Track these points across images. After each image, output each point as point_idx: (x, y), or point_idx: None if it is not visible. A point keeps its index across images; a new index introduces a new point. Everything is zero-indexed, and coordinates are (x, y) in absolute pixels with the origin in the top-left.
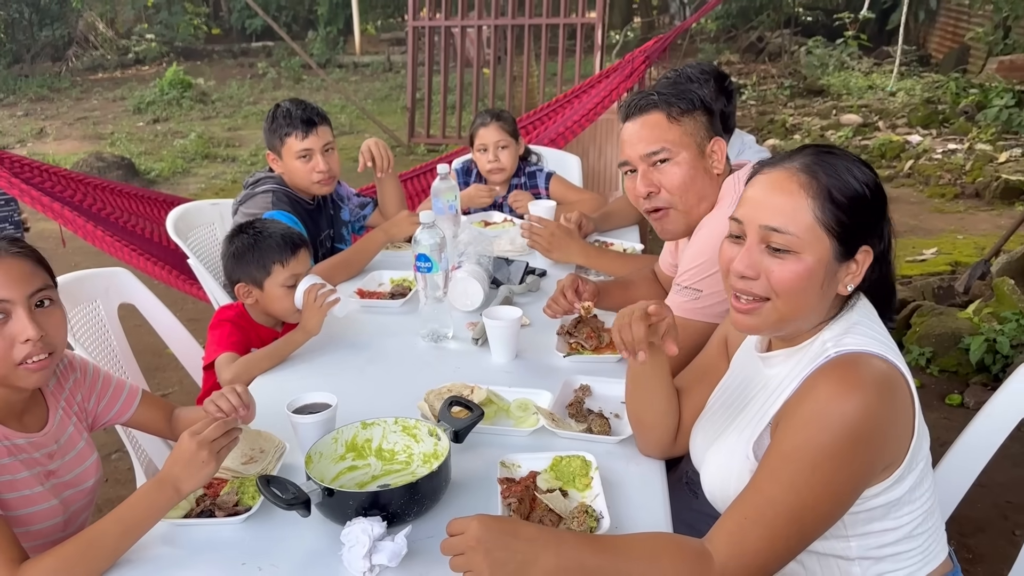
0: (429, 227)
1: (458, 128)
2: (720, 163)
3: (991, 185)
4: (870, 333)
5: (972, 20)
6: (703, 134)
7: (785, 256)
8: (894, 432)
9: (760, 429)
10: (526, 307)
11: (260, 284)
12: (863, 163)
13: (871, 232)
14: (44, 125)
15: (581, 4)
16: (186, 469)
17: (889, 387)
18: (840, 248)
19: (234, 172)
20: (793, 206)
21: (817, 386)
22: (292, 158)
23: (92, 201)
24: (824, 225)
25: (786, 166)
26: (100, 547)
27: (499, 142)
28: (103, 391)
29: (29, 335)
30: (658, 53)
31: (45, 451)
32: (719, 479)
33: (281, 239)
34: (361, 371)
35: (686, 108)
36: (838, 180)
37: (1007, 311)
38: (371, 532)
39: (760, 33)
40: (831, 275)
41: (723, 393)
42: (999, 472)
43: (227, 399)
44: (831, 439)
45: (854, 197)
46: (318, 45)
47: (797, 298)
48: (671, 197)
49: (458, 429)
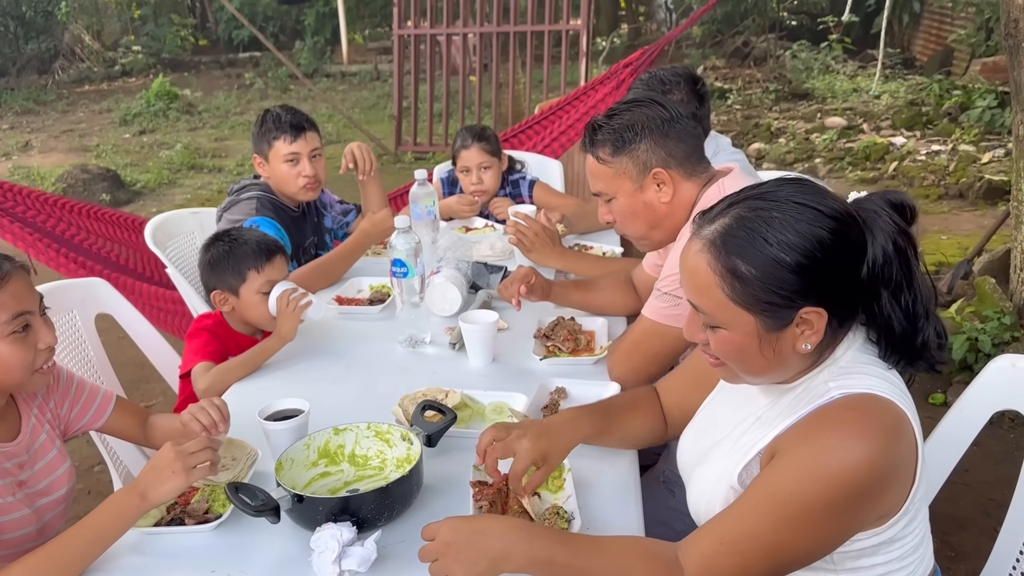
0: (404, 232)
1: (444, 136)
2: (668, 194)
3: (974, 185)
4: (875, 372)
5: (955, 22)
6: (640, 169)
7: (716, 329)
8: (895, 483)
9: (748, 458)
10: (504, 311)
11: (236, 291)
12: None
13: (813, 295)
14: (30, 138)
15: (566, 11)
16: (156, 477)
17: (895, 434)
18: (766, 321)
19: (220, 182)
20: (702, 284)
21: (819, 430)
22: (279, 162)
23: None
24: (737, 302)
25: (700, 235)
26: (68, 555)
27: (481, 163)
28: (76, 397)
29: (49, 342)
30: (645, 65)
31: (16, 461)
32: (704, 501)
33: (256, 245)
34: (338, 378)
35: (618, 147)
36: (750, 253)
37: (988, 310)
38: (340, 538)
39: (746, 38)
40: (770, 344)
41: (715, 407)
42: (982, 470)
43: (207, 413)
44: (826, 490)
45: (770, 269)
46: (305, 55)
47: (744, 364)
48: (622, 229)
49: (431, 433)
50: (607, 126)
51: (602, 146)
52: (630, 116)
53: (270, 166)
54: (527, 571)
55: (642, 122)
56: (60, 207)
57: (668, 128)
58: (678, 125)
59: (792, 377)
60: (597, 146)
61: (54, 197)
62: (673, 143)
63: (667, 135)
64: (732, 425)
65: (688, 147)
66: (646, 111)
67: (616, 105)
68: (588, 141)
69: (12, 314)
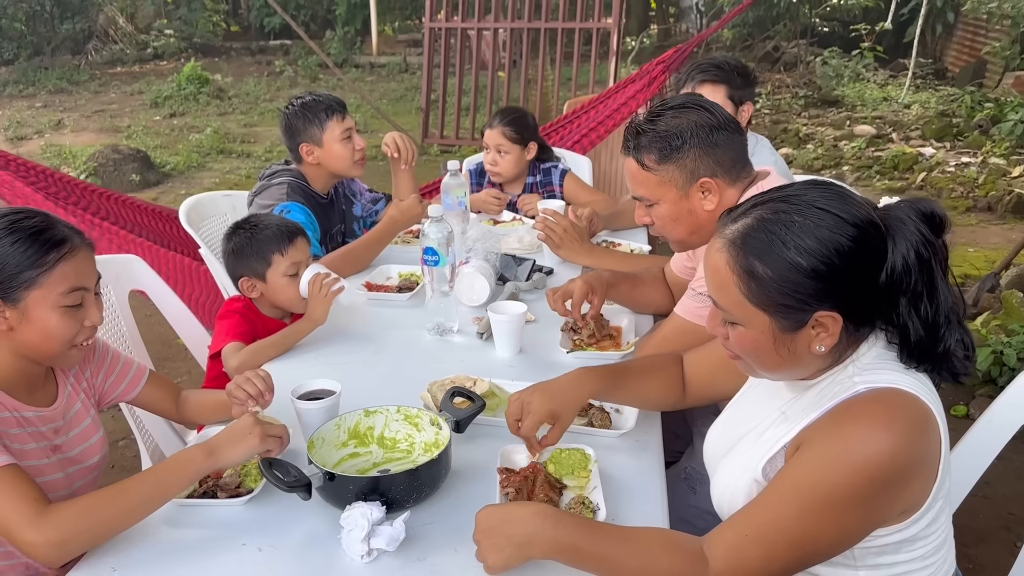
0: (437, 221)
1: (472, 130)
2: (713, 202)
3: (1004, 199)
4: (900, 368)
5: (989, 35)
6: (687, 178)
7: (734, 325)
8: (918, 477)
9: (774, 451)
10: (532, 304)
11: (263, 276)
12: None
13: (828, 299)
14: (62, 117)
15: (597, 9)
16: (230, 437)
17: (919, 428)
18: (781, 322)
19: (248, 168)
20: (721, 282)
21: (844, 421)
22: (335, 141)
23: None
24: (753, 302)
25: (722, 234)
26: (128, 498)
27: (499, 146)
28: (111, 367)
29: (95, 321)
30: (677, 63)
31: (52, 426)
32: (728, 494)
33: (277, 229)
34: (366, 362)
35: (664, 155)
36: (768, 255)
37: (1015, 323)
38: (370, 516)
39: (776, 43)
40: (784, 344)
41: (743, 402)
42: (1003, 484)
43: (253, 383)
44: (850, 480)
45: (786, 272)
46: (335, 45)
47: (760, 360)
48: (662, 231)
49: (459, 419)
50: (652, 131)
51: (647, 152)
52: (676, 122)
53: (324, 149)
54: (552, 557)
55: (690, 129)
56: (91, 192)
57: (715, 136)
58: (724, 132)
59: (814, 374)
60: (641, 152)
61: (84, 183)
62: (720, 151)
63: (715, 143)
64: (757, 419)
65: (734, 154)
66: (693, 117)
67: (658, 107)
68: (632, 146)
69: (70, 287)
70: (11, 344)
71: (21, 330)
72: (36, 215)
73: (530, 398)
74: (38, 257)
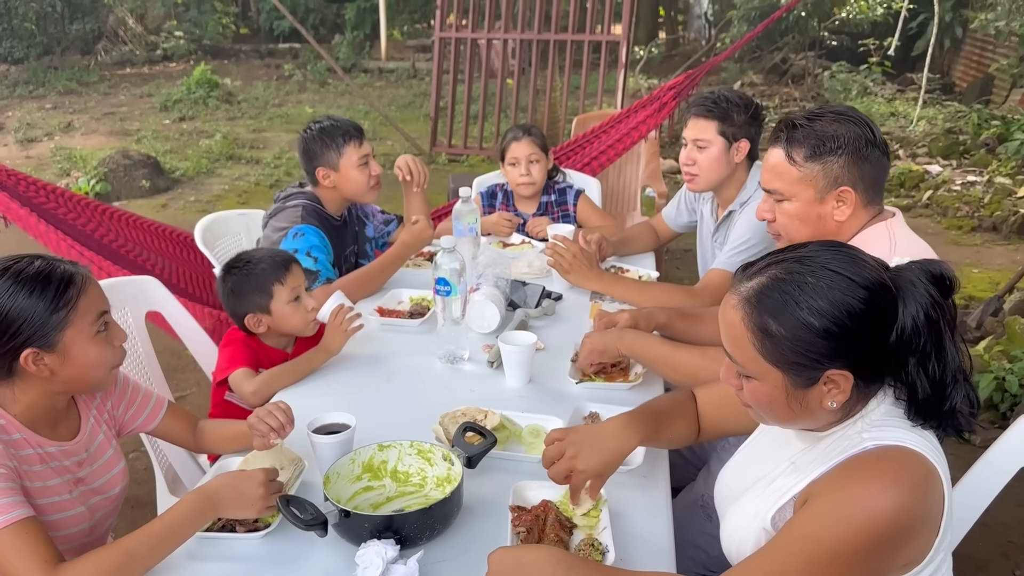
0: (449, 251)
1: (479, 139)
2: (845, 213)
3: (1009, 219)
4: (907, 426)
5: (997, 51)
6: (829, 182)
7: (748, 379)
8: (921, 533)
9: (783, 501)
10: (541, 330)
11: (267, 309)
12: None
13: (840, 358)
14: (72, 119)
15: (607, 20)
16: (236, 501)
17: (924, 486)
18: (794, 378)
19: (257, 174)
20: (736, 337)
21: (851, 478)
22: (352, 166)
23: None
24: (766, 358)
25: (737, 291)
26: (137, 557)
27: (530, 155)
28: (132, 399)
29: (122, 339)
30: (688, 89)
31: (75, 459)
32: (737, 538)
33: (272, 261)
34: (378, 390)
35: (815, 153)
36: (781, 315)
37: (1018, 349)
38: (384, 555)
39: (784, 55)
40: (797, 399)
41: (755, 448)
42: (1002, 512)
43: (275, 416)
44: (855, 536)
45: (799, 331)
46: (344, 49)
47: (772, 413)
48: (782, 230)
49: (471, 455)
50: (808, 127)
51: (798, 146)
52: (835, 127)
53: (341, 173)
54: None
55: (846, 137)
56: (101, 213)
57: (868, 151)
58: (877, 150)
59: (825, 426)
60: (793, 144)
61: (95, 203)
62: (868, 167)
63: (866, 158)
64: (768, 467)
65: (878, 176)
66: (852, 127)
67: (820, 109)
68: (784, 137)
69: (96, 314)
70: (48, 386)
71: (63, 371)
72: (34, 259)
73: (576, 452)
74: (60, 297)
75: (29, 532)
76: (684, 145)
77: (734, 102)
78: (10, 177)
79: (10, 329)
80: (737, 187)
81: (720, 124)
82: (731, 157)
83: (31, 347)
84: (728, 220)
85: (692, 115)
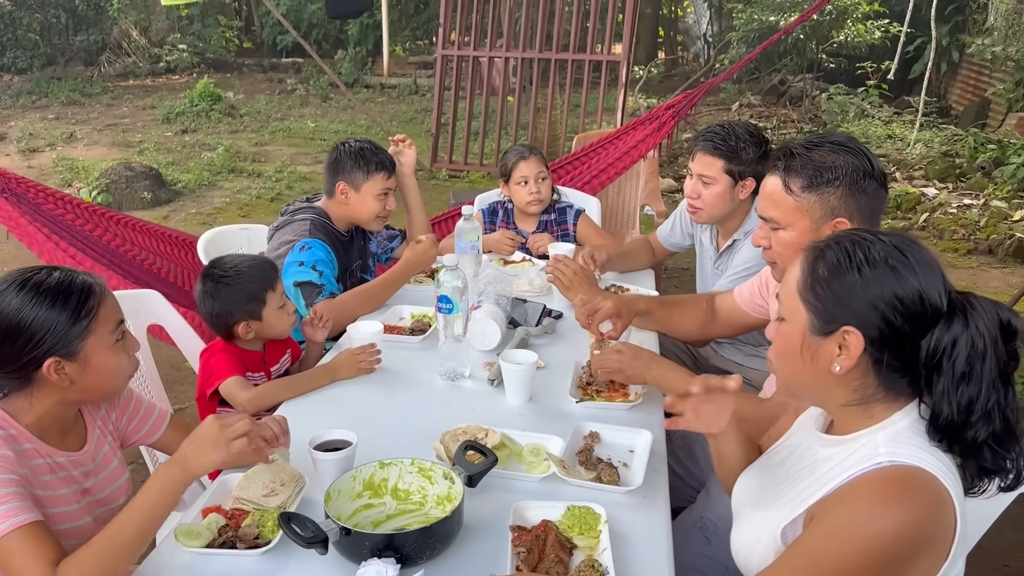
0: (452, 270)
1: (480, 155)
2: None
3: (1004, 243)
4: (927, 445)
5: (994, 75)
6: (825, 213)
7: (781, 322)
8: (927, 556)
9: (795, 514)
10: (542, 348)
11: (259, 315)
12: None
13: (855, 314)
14: (74, 130)
15: (607, 40)
16: (196, 448)
17: (934, 508)
18: (814, 321)
19: (259, 187)
20: (791, 275)
21: (860, 495)
22: (372, 193)
23: (111, 237)
24: (801, 295)
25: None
26: (127, 534)
27: (539, 174)
28: (135, 411)
29: (136, 347)
30: (686, 109)
31: (82, 469)
32: (746, 545)
33: (260, 268)
34: (380, 406)
35: (812, 183)
36: (829, 253)
37: None
38: (385, 574)
39: (782, 76)
40: (810, 348)
41: (778, 454)
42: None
43: (269, 427)
44: (860, 554)
45: (835, 271)
46: (347, 64)
47: (784, 366)
48: (776, 257)
49: (472, 474)
50: (806, 157)
51: (796, 176)
52: (833, 158)
53: (360, 195)
54: None
55: (843, 168)
56: (108, 219)
57: (865, 183)
58: (874, 182)
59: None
60: (790, 174)
61: (103, 209)
62: (865, 199)
63: (863, 189)
64: (788, 474)
65: (875, 207)
66: (850, 158)
67: (819, 138)
68: (782, 166)
69: (115, 323)
70: (65, 395)
71: (84, 379)
72: (52, 271)
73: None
74: (82, 307)
75: (37, 536)
76: (690, 175)
77: (743, 139)
78: (19, 184)
79: (34, 339)
80: (741, 218)
81: (727, 163)
82: (735, 195)
83: (54, 356)
84: (731, 249)
85: (700, 150)
